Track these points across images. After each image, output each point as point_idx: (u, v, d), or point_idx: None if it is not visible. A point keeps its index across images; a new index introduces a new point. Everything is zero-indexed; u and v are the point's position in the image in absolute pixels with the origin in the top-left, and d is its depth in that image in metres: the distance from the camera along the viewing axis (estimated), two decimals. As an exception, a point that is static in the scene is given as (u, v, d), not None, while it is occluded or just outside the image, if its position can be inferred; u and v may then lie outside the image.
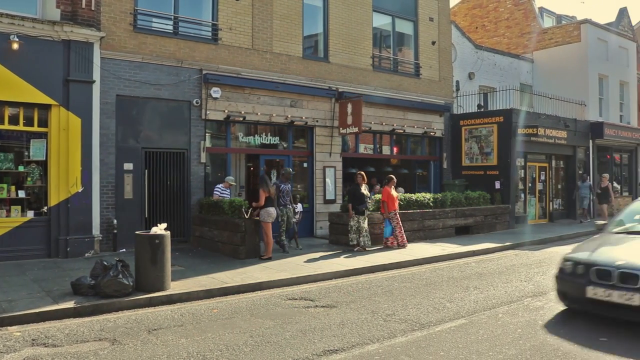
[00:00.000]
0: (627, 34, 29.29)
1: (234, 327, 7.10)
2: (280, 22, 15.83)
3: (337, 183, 16.93)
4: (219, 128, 15.14)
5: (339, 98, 16.72)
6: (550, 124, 21.17)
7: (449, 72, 20.87)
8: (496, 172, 19.54)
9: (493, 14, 29.16)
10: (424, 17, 19.86)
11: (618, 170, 27.64)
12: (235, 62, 14.91)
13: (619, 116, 27.44)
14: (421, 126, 19.45)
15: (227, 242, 12.61)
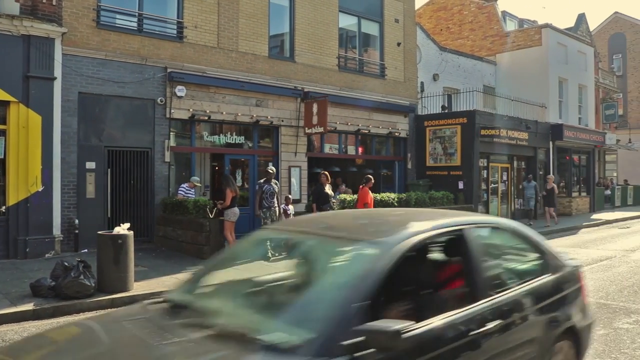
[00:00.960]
0: (585, 39, 30.08)
1: (198, 327, 7.04)
2: (247, 21, 15.77)
3: (302, 183, 16.94)
4: (184, 127, 15.00)
5: (304, 98, 16.74)
6: (512, 125, 21.58)
7: (413, 73, 21.09)
8: (459, 172, 19.83)
9: (457, 17, 29.58)
10: (389, 19, 20.03)
11: (577, 171, 28.34)
12: (201, 61, 14.79)
13: (578, 118, 28.13)
14: (386, 126, 19.61)
15: (192, 242, 12.51)
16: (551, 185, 21.01)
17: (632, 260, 12.58)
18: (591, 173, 29.13)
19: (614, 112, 34.32)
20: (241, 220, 13.28)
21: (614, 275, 10.64)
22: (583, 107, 28.89)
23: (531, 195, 20.98)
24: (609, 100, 34.84)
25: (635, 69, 45.18)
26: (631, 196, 33.49)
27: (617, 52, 45.98)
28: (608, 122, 34.51)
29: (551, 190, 20.95)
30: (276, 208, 12.65)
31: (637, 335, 6.62)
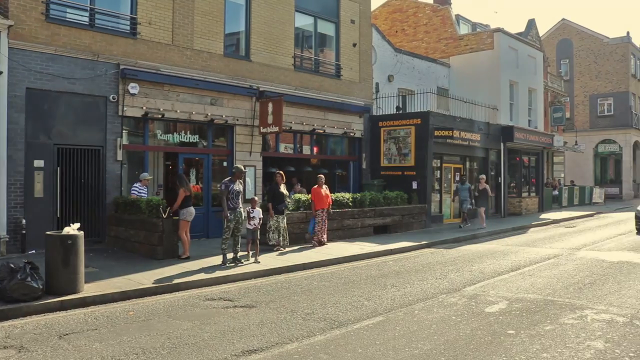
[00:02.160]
0: (535, 44, 30.90)
1: (151, 329, 6.95)
2: (202, 18, 15.60)
3: (257, 182, 16.87)
4: (137, 125, 14.74)
5: (260, 97, 16.67)
6: (465, 126, 21.99)
7: (369, 74, 21.26)
8: (413, 172, 20.09)
9: (413, 19, 29.94)
10: (345, 19, 20.13)
11: (527, 172, 29.08)
12: (155, 58, 14.56)
13: (528, 121, 28.87)
14: (341, 127, 19.71)
15: (145, 242, 12.30)
16: (483, 186, 20.47)
17: (578, 258, 13.00)
18: (540, 174, 29.94)
19: (561, 115, 35.36)
20: (195, 221, 13.16)
21: (560, 273, 10.97)
22: (533, 110, 29.67)
23: (465, 197, 20.12)
24: (557, 104, 35.88)
25: (582, 74, 46.68)
26: (577, 196, 34.58)
27: (564, 58, 47.41)
28: (556, 124, 35.53)
29: (483, 190, 20.39)
30: (241, 209, 11.90)
31: (581, 330, 6.84)
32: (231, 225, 11.64)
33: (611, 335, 6.66)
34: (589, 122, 45.97)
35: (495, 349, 6.12)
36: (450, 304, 8.38)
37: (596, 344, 6.29)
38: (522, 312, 7.77)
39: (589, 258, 12.99)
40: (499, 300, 8.55)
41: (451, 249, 15.07)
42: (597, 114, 45.96)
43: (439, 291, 9.34)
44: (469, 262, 12.58)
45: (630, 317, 7.51)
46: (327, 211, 14.62)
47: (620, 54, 45.41)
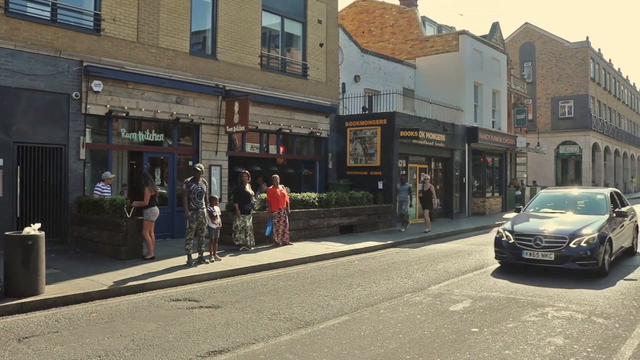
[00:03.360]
0: (499, 46, 31.42)
1: (115, 331, 6.85)
2: (168, 15, 15.42)
3: (222, 182, 16.77)
4: (101, 123, 14.49)
5: (226, 96, 16.57)
6: (430, 127, 22.23)
7: (335, 74, 21.32)
8: (379, 172, 20.23)
9: (379, 20, 30.14)
10: (312, 19, 20.15)
11: (490, 172, 29.56)
12: (119, 55, 14.34)
13: (492, 122, 29.35)
14: (307, 126, 19.72)
15: (108, 242, 12.10)
16: (428, 187, 19.31)
17: (540, 257, 13.28)
18: (503, 174, 30.47)
19: (524, 116, 36.03)
20: (160, 220, 13.00)
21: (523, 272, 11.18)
22: (496, 112, 30.16)
23: (404, 198, 19.09)
24: (520, 106, 36.54)
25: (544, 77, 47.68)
26: (539, 197, 35.22)
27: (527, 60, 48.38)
28: (519, 126, 36.19)
29: (428, 191, 19.25)
30: (204, 209, 11.71)
31: (542, 327, 6.99)
32: (194, 226, 11.51)
33: (570, 331, 6.82)
34: (551, 124, 47.02)
35: (459, 347, 6.20)
36: (415, 302, 8.46)
37: (556, 340, 6.43)
38: (486, 310, 7.90)
39: (550, 257, 13.28)
40: (463, 299, 8.67)
41: (416, 248, 15.22)
42: (558, 116, 47.04)
43: (404, 290, 9.42)
44: (434, 262, 12.73)
45: (588, 313, 7.70)
46: (285, 211, 14.55)
47: (580, 57, 46.55)
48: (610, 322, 7.25)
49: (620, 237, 11.78)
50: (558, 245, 10.37)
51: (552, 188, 15.99)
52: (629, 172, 60.78)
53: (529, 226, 11.41)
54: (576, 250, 10.22)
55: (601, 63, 50.90)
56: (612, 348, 6.19)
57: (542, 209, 12.65)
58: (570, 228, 10.73)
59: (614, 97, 55.39)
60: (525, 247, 10.69)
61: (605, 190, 13.02)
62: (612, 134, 52.56)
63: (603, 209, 11.81)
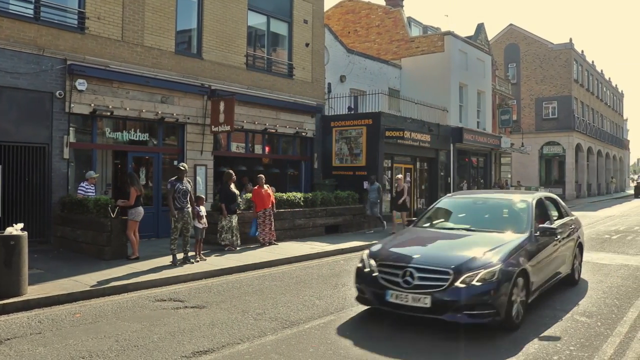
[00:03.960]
0: (484, 47, 31.64)
1: (99, 331, 6.80)
2: (153, 14, 15.34)
3: (208, 182, 16.71)
4: (85, 122, 14.38)
5: (211, 96, 16.52)
6: (415, 127, 22.32)
7: (321, 74, 21.34)
8: (365, 172, 20.27)
9: (365, 20, 30.21)
10: (298, 19, 20.15)
11: (475, 172, 29.75)
12: (104, 54, 14.23)
13: (477, 122, 29.54)
14: (293, 126, 19.72)
15: (92, 242, 12.02)
16: (401, 187, 18.40)
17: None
18: (488, 174, 30.68)
19: (509, 117, 36.29)
20: (145, 220, 12.94)
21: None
22: (481, 112, 30.37)
23: (374, 199, 18.40)
24: (504, 106, 36.79)
25: (528, 78, 48.06)
26: (523, 197, 35.48)
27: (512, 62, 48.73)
28: (504, 126, 36.44)
29: (401, 192, 18.36)
30: (189, 209, 11.64)
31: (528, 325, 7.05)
32: (179, 225, 11.45)
33: (554, 330, 6.88)
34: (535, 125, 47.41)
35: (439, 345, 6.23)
36: (400, 302, 8.47)
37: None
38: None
39: (533, 257, 13.35)
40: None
41: (401, 248, 15.24)
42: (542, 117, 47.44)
43: (390, 290, 9.44)
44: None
45: (571, 312, 7.79)
46: (270, 211, 14.54)
47: (564, 59, 46.97)
48: None
49: (548, 265, 8.17)
50: (437, 283, 6.63)
51: (460, 193, 12.04)
52: (610, 172, 61.45)
53: (400, 250, 7.78)
54: (464, 293, 6.51)
55: (584, 65, 51.40)
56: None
57: (440, 221, 9.22)
58: (461, 255, 7.07)
59: (596, 99, 55.97)
60: (390, 285, 6.93)
61: (530, 197, 9.00)
62: (594, 135, 53.11)
63: (522, 224, 8.14)
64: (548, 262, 8.17)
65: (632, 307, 8.17)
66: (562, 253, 8.90)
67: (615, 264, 12.25)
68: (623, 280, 10.30)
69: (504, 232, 7.98)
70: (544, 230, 8.11)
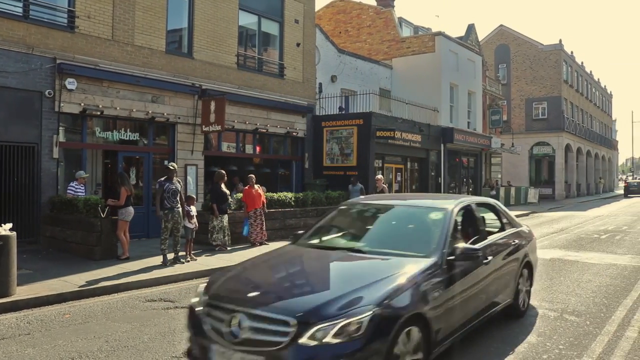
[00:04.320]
0: (474, 48, 31.75)
1: (88, 332, 6.77)
2: (143, 13, 15.28)
3: (198, 182, 16.67)
4: (74, 122, 14.30)
5: (202, 95, 16.48)
6: (406, 127, 22.37)
7: (312, 74, 21.34)
8: (355, 172, 20.27)
9: (356, 21, 30.24)
10: (289, 19, 20.14)
11: (466, 172, 29.86)
12: (94, 53, 14.16)
13: (467, 123, 29.66)
14: (284, 126, 19.71)
15: (82, 242, 11.95)
16: (381, 187, 17.33)
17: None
18: (478, 174, 30.80)
19: (499, 117, 36.48)
20: (136, 220, 12.89)
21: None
22: (472, 112, 30.49)
23: None
24: (495, 107, 36.98)
25: (518, 79, 48.28)
26: (513, 196, 35.69)
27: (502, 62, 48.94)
28: (494, 126, 36.63)
29: (381, 192, 17.17)
30: (179, 208, 11.54)
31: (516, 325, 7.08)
32: (169, 225, 11.39)
33: (543, 329, 6.92)
34: (525, 125, 47.62)
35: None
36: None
37: (530, 338, 6.53)
38: (460, 310, 7.93)
39: (523, 256, 13.43)
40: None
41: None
42: (532, 117, 47.67)
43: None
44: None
45: (560, 311, 7.83)
46: (261, 211, 14.52)
47: (554, 60, 47.23)
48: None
49: (473, 298, 5.89)
50: (273, 339, 4.28)
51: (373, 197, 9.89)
52: (599, 172, 61.88)
53: (240, 281, 5.48)
54: (311, 355, 4.17)
55: (574, 66, 51.70)
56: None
57: (329, 236, 6.93)
58: (319, 294, 4.79)
59: (585, 99, 56.32)
60: (215, 338, 4.57)
61: (452, 204, 6.49)
62: (584, 135, 53.44)
63: (429, 245, 5.73)
64: (473, 294, 5.87)
65: (621, 306, 8.24)
66: (498, 278, 6.62)
67: (604, 263, 12.33)
68: (612, 280, 10.37)
69: (404, 256, 5.52)
70: (461, 252, 5.63)
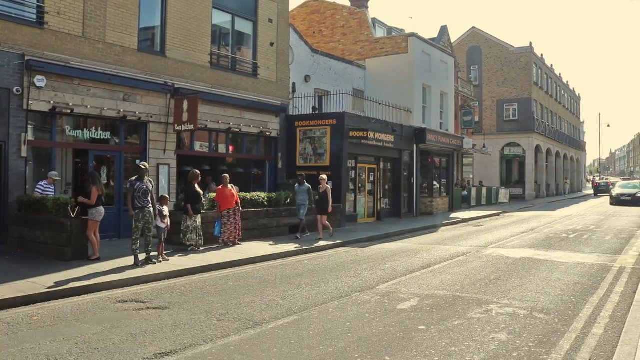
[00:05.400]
0: (447, 49, 32.04)
1: (57, 334, 6.66)
2: (115, 11, 15.08)
3: (171, 181, 16.52)
4: (44, 120, 14.05)
5: (175, 94, 16.33)
6: (379, 128, 22.48)
7: (286, 73, 21.30)
8: (329, 172, 20.31)
9: (330, 21, 30.26)
10: (263, 18, 20.07)
11: (438, 173, 30.11)
12: (64, 50, 13.93)
13: (439, 123, 29.89)
14: (257, 126, 19.65)
15: (51, 243, 11.76)
16: (324, 187, 16.81)
17: (485, 255, 13.61)
18: (451, 175, 31.08)
19: (471, 118, 36.88)
20: (107, 220, 12.74)
21: (468, 270, 11.45)
22: (444, 113, 30.74)
23: (303, 201, 16.63)
24: (467, 108, 37.37)
25: (490, 80, 48.88)
26: (485, 196, 36.18)
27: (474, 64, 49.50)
28: (466, 127, 37.02)
29: (324, 193, 16.76)
30: (150, 208, 11.40)
31: (487, 323, 7.18)
32: (140, 225, 11.26)
33: (513, 327, 7.03)
34: (496, 126, 48.24)
35: (407, 344, 6.31)
36: (363, 301, 8.55)
37: (500, 336, 6.62)
38: (432, 308, 8.05)
39: (495, 255, 13.64)
40: (410, 297, 8.81)
41: (365, 247, 15.37)
42: (503, 119, 48.31)
43: (353, 289, 9.50)
44: (382, 261, 12.88)
45: (530, 309, 7.96)
46: (235, 210, 14.46)
47: (524, 62, 47.95)
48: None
49: None
50: None
51: None
52: (568, 173, 63.01)
53: None
54: None
55: (543, 68, 52.54)
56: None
57: None
58: None
59: (555, 101, 57.27)
60: None
61: None
62: (553, 137, 54.34)
63: None
64: None
65: (588, 303, 8.40)
66: None
67: (572, 262, 12.56)
68: (580, 278, 10.57)
69: None
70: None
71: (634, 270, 11.45)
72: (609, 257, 13.29)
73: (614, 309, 8.05)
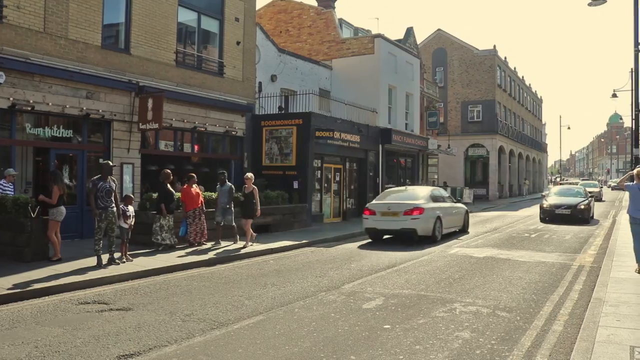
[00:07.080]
0: (412, 51, 32.35)
1: (16, 338, 6.50)
2: (78, 6, 14.78)
3: (135, 181, 16.30)
4: (3, 117, 13.69)
5: (139, 92, 16.11)
6: (345, 128, 22.58)
7: (252, 73, 21.22)
8: (295, 172, 20.34)
9: (297, 20, 30.26)
10: (230, 17, 19.95)
11: (403, 173, 30.38)
12: (24, 46, 13.60)
13: (405, 124, 30.19)
14: (223, 125, 19.52)
15: (10, 243, 11.47)
16: (250, 188, 14.92)
17: (449, 255, 13.79)
18: (416, 175, 31.41)
19: (436, 119, 37.29)
20: (69, 220, 12.49)
21: (433, 269, 11.58)
22: (410, 114, 31.05)
23: (225, 203, 14.75)
24: (432, 109, 37.77)
25: (454, 82, 49.53)
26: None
27: (439, 66, 50.09)
28: (431, 128, 37.41)
29: (250, 194, 14.89)
30: (114, 208, 11.24)
31: (451, 322, 7.28)
32: (103, 225, 11.08)
33: (477, 325, 7.14)
34: (461, 127, 48.92)
35: (372, 344, 6.35)
36: (329, 301, 8.57)
37: (463, 334, 6.71)
38: (398, 307, 8.12)
39: (459, 255, 13.83)
40: (375, 297, 8.87)
41: (331, 247, 15.42)
42: (467, 120, 49.03)
43: (319, 289, 9.52)
44: (348, 261, 12.94)
45: (493, 308, 8.09)
46: (200, 211, 14.35)
47: (488, 65, 48.72)
48: (512, 317, 7.62)
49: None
50: None
51: None
52: (530, 174, 64.26)
53: None
54: None
55: (507, 71, 53.46)
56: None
57: None
58: None
59: (517, 103, 58.34)
60: None
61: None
62: (516, 138, 55.35)
63: None
64: None
65: (548, 301, 8.59)
66: None
67: (533, 261, 12.81)
68: (540, 277, 10.79)
69: None
70: None
71: (592, 268, 11.74)
72: (568, 256, 13.60)
73: (573, 307, 8.25)
